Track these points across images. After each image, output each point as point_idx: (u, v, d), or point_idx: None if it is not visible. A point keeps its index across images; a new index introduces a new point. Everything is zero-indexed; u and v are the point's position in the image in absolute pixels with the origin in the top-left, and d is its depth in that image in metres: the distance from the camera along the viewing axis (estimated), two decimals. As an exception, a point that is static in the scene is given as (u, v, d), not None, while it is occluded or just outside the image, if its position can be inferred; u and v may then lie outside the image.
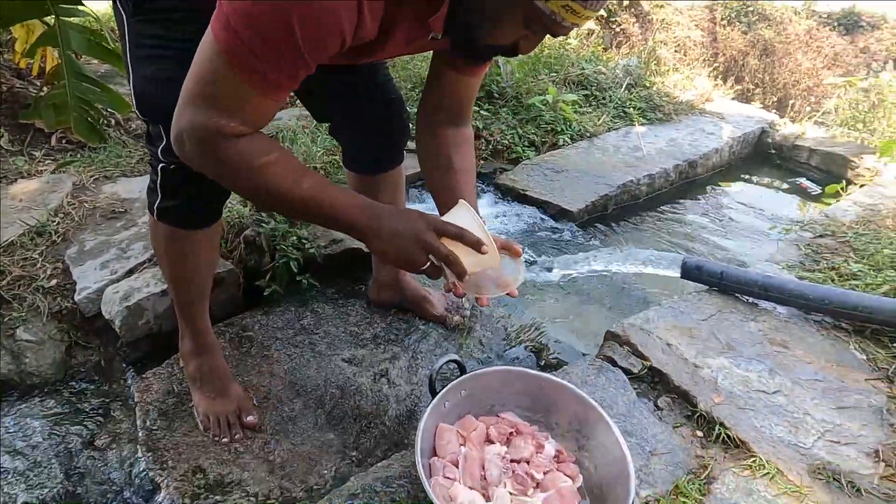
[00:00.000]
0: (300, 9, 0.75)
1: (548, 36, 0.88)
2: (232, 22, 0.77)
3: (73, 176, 2.11)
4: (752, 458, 1.22)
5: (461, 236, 0.93)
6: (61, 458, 1.33)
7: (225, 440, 1.31)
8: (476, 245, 0.93)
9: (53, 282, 1.65)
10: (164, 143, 1.07)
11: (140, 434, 1.32)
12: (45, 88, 2.40)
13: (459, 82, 1.17)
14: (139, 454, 1.29)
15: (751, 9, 6.48)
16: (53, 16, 2.02)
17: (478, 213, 1.03)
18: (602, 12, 5.19)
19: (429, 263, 0.94)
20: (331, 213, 0.93)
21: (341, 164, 1.54)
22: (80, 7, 2.18)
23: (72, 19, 2.11)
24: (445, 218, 0.97)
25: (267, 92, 0.84)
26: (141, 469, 1.27)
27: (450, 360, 1.16)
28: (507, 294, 1.03)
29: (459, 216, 0.97)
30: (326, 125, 1.48)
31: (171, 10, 1.01)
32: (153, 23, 1.03)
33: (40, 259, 1.71)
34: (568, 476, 1.08)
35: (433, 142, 1.21)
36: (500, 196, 2.55)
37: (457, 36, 0.91)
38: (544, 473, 1.08)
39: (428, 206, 2.32)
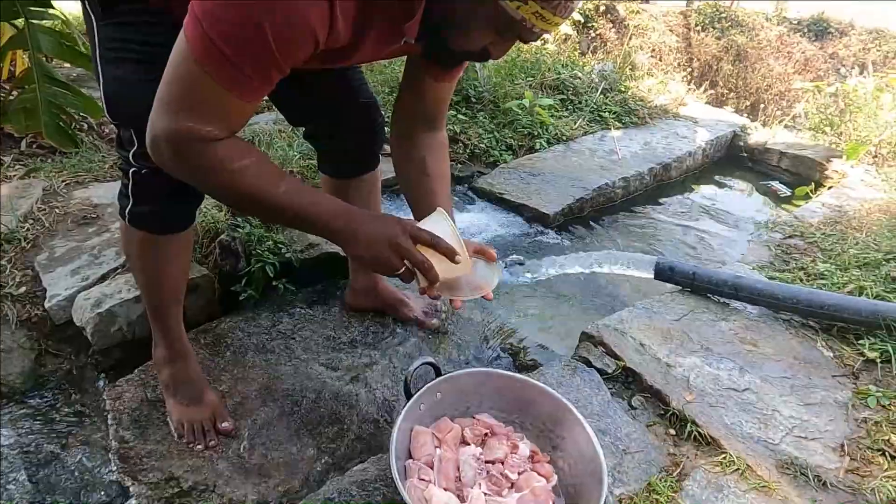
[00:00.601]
0: (271, 12, 0.75)
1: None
2: (204, 25, 0.77)
3: (44, 181, 2.07)
4: (723, 455, 1.25)
5: (435, 244, 0.94)
6: (30, 467, 1.31)
7: (199, 447, 1.30)
8: (449, 254, 0.95)
9: (23, 289, 1.62)
10: (136, 147, 1.06)
11: (112, 442, 1.30)
12: (14, 92, 2.35)
13: (434, 87, 1.18)
14: (111, 462, 1.27)
15: (724, 15, 6.61)
16: (23, 18, 1.99)
17: (453, 218, 1.04)
18: (577, 16, 5.25)
19: (404, 269, 0.95)
20: (308, 217, 0.93)
21: (317, 168, 1.54)
22: (50, 10, 2.15)
23: (42, 22, 2.08)
24: (421, 224, 0.98)
25: (241, 94, 0.84)
26: (112, 478, 1.26)
27: (425, 363, 1.17)
28: (482, 297, 1.05)
29: (435, 224, 0.98)
30: (302, 129, 1.48)
31: (140, 14, 1.00)
32: (122, 26, 1.02)
33: (9, 266, 1.67)
34: (542, 476, 1.09)
35: (408, 147, 1.22)
36: (478, 199, 2.56)
37: (429, 40, 0.92)
38: (519, 474, 1.09)
39: (403, 210, 2.33)
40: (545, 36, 0.93)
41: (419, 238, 0.94)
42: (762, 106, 5.82)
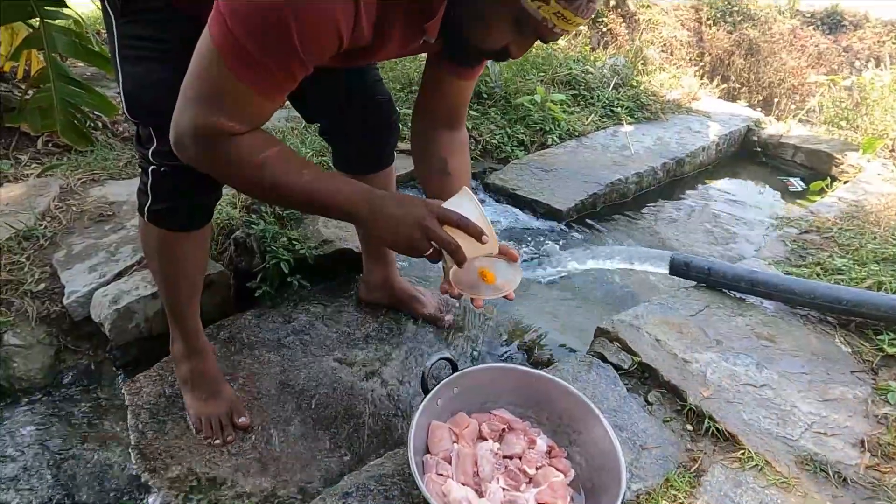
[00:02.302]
0: (298, 11, 0.76)
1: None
2: (229, 24, 0.77)
3: (60, 179, 2.09)
4: (741, 451, 1.24)
5: (464, 226, 0.94)
6: (51, 463, 1.32)
7: (217, 442, 1.31)
8: (477, 235, 0.94)
9: (41, 286, 1.64)
10: (155, 144, 1.07)
11: (131, 437, 1.31)
12: (30, 92, 2.37)
13: (454, 86, 1.18)
14: (130, 457, 1.28)
15: (736, 9, 6.54)
16: (38, 18, 2.00)
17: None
18: (589, 12, 5.22)
19: (431, 250, 0.95)
20: (332, 201, 0.94)
21: (331, 165, 1.54)
22: (65, 9, 2.16)
23: (56, 22, 2.10)
24: (446, 205, 0.97)
25: (265, 92, 0.85)
26: (132, 472, 1.27)
27: (442, 358, 1.17)
28: (504, 296, 1.04)
29: (460, 204, 0.97)
30: (316, 126, 1.49)
31: (159, 11, 1.01)
32: (141, 24, 1.03)
33: (28, 263, 1.69)
34: (560, 471, 1.09)
35: (428, 146, 1.21)
36: (490, 195, 2.56)
37: (449, 39, 0.92)
38: (536, 468, 1.09)
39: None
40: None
41: (446, 219, 0.94)
42: (776, 100, 5.75)
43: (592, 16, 0.85)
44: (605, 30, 5.89)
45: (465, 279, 1.02)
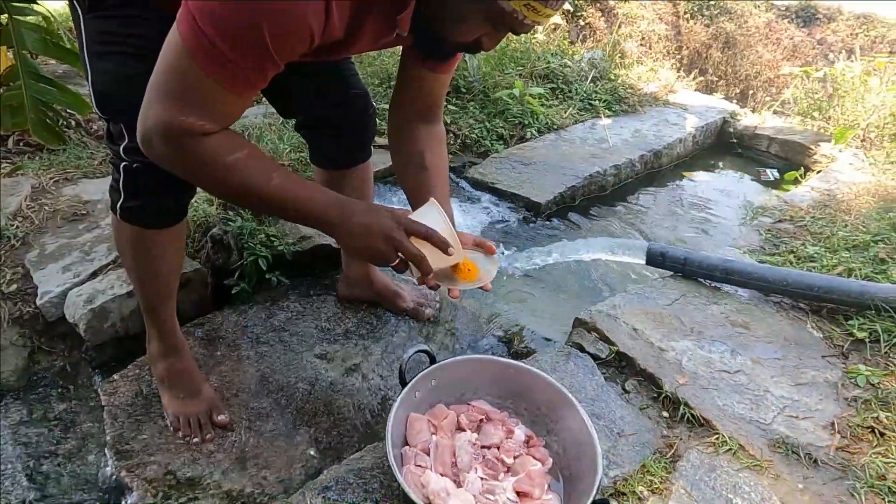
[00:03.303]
0: (269, 11, 0.75)
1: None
2: (198, 21, 0.76)
3: (32, 178, 2.05)
4: (716, 436, 1.26)
5: (429, 237, 0.95)
6: (26, 465, 1.31)
7: (196, 440, 1.30)
8: (443, 246, 0.95)
9: (13, 287, 1.61)
10: (126, 141, 1.06)
11: (108, 438, 1.30)
12: (-1, 90, 2.33)
13: (429, 79, 1.17)
14: (107, 458, 1.27)
15: (712, 2, 6.61)
16: (6, 15, 1.97)
17: (449, 209, 1.05)
18: (567, 6, 5.24)
19: (398, 261, 0.96)
20: (301, 210, 0.93)
21: (309, 160, 1.53)
22: (34, 6, 2.13)
23: (26, 18, 2.06)
24: (414, 216, 0.98)
25: (235, 89, 0.84)
26: (109, 473, 1.26)
27: (419, 351, 1.17)
28: (481, 287, 1.05)
29: (428, 215, 0.98)
30: (293, 122, 1.48)
31: (127, 6, 1.00)
32: (109, 19, 1.01)
33: (-1, 264, 1.67)
34: (538, 459, 1.10)
35: (405, 140, 1.21)
36: (469, 189, 2.57)
37: (421, 33, 0.92)
38: (514, 458, 1.10)
39: (398, 201, 2.33)
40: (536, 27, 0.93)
41: (413, 231, 0.95)
42: (752, 92, 5.83)
43: (562, 6, 0.85)
44: (583, 24, 5.91)
45: (442, 270, 1.03)
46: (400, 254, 0.95)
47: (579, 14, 5.93)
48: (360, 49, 1.00)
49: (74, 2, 1.03)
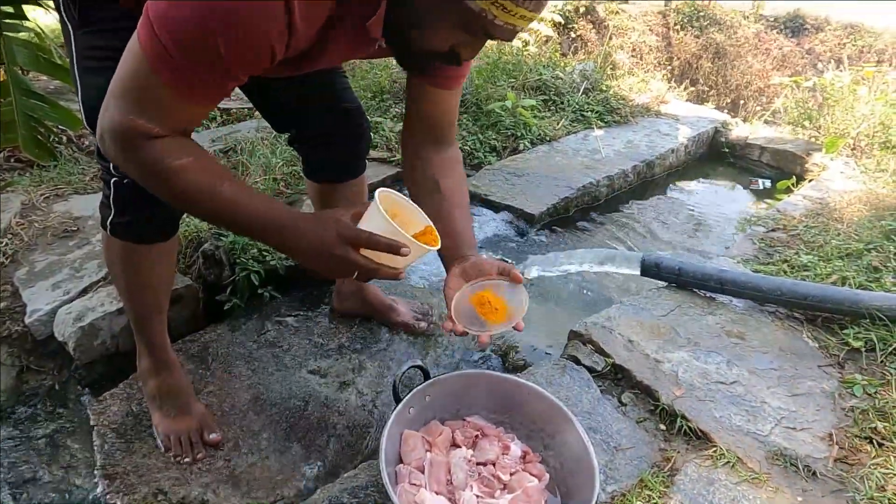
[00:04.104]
0: (222, 21, 0.74)
1: (505, 43, 0.88)
2: (156, 27, 0.76)
3: (22, 195, 2.04)
4: (714, 449, 1.25)
5: (374, 245, 0.88)
6: (13, 487, 1.28)
7: (187, 460, 1.28)
8: (393, 251, 0.88)
9: (2, 305, 1.60)
10: None
11: (97, 458, 1.28)
12: (-10, 106, 2.32)
13: (436, 97, 1.14)
14: (96, 479, 1.25)
15: (702, 13, 6.68)
16: (-4, 31, 1.96)
17: (470, 237, 1.03)
18: (557, 18, 5.28)
19: (356, 273, 0.91)
20: (246, 224, 0.90)
21: (302, 174, 1.53)
22: (26, 22, 2.12)
23: (17, 35, 2.06)
24: (362, 221, 0.92)
25: (191, 98, 0.83)
26: (98, 495, 1.23)
27: (413, 366, 1.16)
28: (514, 328, 1.01)
29: (372, 218, 0.91)
30: (286, 136, 1.47)
31: (118, 20, 0.99)
32: (100, 34, 1.01)
33: (-13, 282, 1.65)
34: (534, 476, 1.09)
35: (417, 166, 1.18)
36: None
37: (396, 41, 0.90)
38: (511, 474, 1.09)
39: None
40: (524, 35, 0.90)
41: (358, 243, 0.89)
42: (742, 102, 5.89)
43: (539, 9, 0.80)
44: (575, 36, 5.96)
45: (466, 314, 0.99)
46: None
47: (571, 26, 5.98)
48: (337, 58, 0.99)
49: (65, 17, 1.03)
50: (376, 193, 0.92)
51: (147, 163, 0.85)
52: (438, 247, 0.94)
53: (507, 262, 1.08)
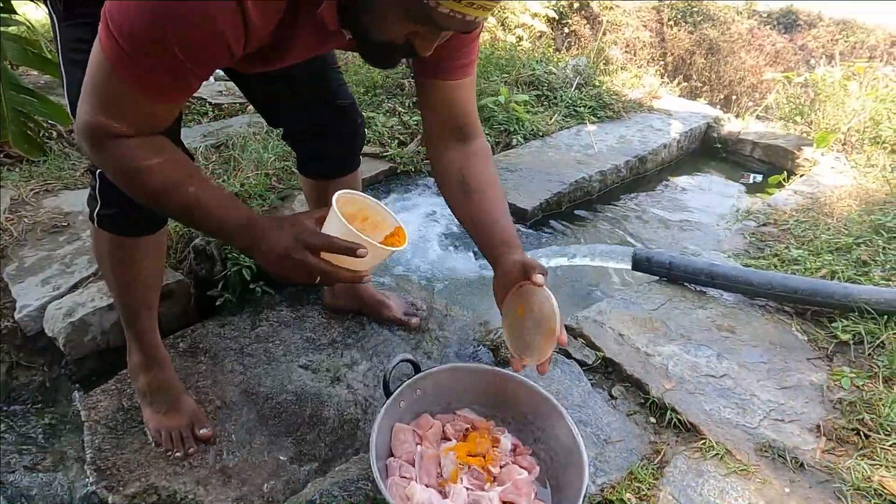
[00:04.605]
0: (171, 19, 0.74)
1: (500, 37, 0.87)
2: (112, 28, 0.76)
3: (12, 190, 2.02)
4: (703, 441, 1.26)
5: (331, 248, 0.87)
6: (4, 483, 1.27)
7: (178, 455, 1.28)
8: (349, 252, 0.87)
9: (-9, 301, 1.59)
10: None
11: (88, 453, 1.27)
12: (-22, 101, 2.30)
13: (447, 91, 1.10)
14: (87, 474, 1.25)
15: (696, 9, 6.69)
16: (-16, 25, 1.95)
17: (510, 235, 1.06)
18: (551, 13, 5.27)
19: (318, 278, 0.90)
20: (212, 227, 0.92)
21: (295, 169, 1.52)
22: (15, 16, 2.11)
23: (6, 29, 2.04)
24: (324, 227, 0.91)
25: (155, 97, 0.83)
26: (89, 490, 1.23)
27: (404, 360, 1.16)
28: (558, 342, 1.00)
29: (330, 222, 0.90)
30: (278, 131, 1.47)
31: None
32: (85, 27, 1.00)
33: (-24, 278, 1.64)
34: (524, 468, 1.10)
35: (443, 165, 1.14)
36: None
37: (355, 35, 0.88)
38: (501, 467, 1.09)
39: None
40: (518, 30, 0.88)
41: (316, 247, 0.88)
42: (735, 98, 5.90)
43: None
44: (568, 31, 5.96)
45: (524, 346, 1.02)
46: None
47: (564, 22, 5.98)
48: (306, 52, 0.96)
49: (51, 10, 1.02)
50: (334, 196, 0.91)
51: (115, 161, 0.86)
52: (403, 247, 0.93)
53: (528, 262, 1.03)
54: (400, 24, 0.81)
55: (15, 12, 2.12)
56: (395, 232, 0.96)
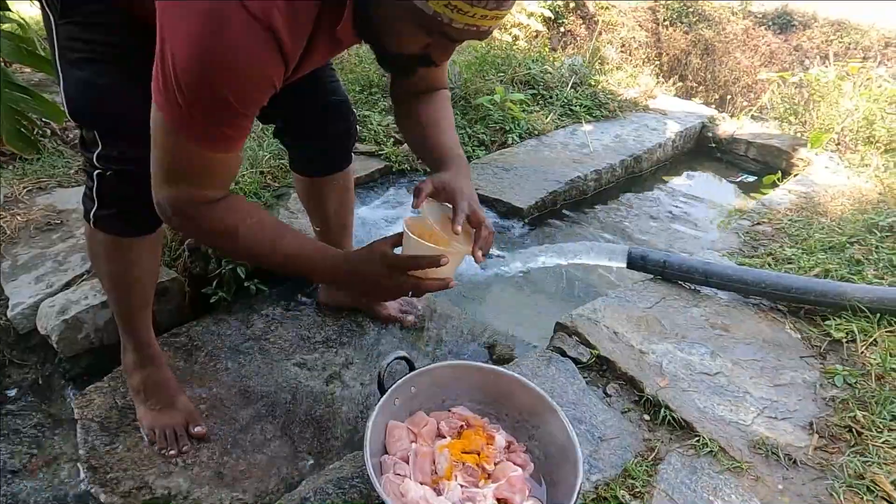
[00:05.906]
0: (229, 76, 0.77)
1: (496, 36, 0.88)
2: (171, 94, 0.78)
3: (5, 188, 2.02)
4: (697, 438, 1.26)
5: (418, 266, 0.95)
6: (-4, 481, 1.27)
7: (172, 453, 1.28)
8: (433, 263, 0.94)
9: (-16, 299, 1.58)
10: (100, 148, 1.04)
11: (81, 452, 1.27)
12: (-29, 98, 2.28)
13: (424, 71, 1.11)
14: (80, 473, 1.24)
15: (691, 10, 6.71)
16: (-23, 22, 1.93)
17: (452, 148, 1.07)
18: (547, 13, 5.28)
19: (410, 293, 1.00)
20: (308, 273, 1.02)
21: (289, 167, 1.52)
22: (8, 13, 2.09)
23: (1, 26, 2.03)
24: (403, 250, 0.98)
25: (223, 149, 0.87)
26: (83, 488, 1.23)
27: (398, 358, 1.16)
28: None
29: (408, 244, 0.98)
30: (271, 128, 1.46)
31: (100, 13, 0.98)
32: (81, 25, 1.00)
33: (-31, 276, 1.63)
34: (518, 465, 1.10)
35: (407, 110, 1.19)
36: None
37: (371, 46, 0.91)
38: (495, 464, 1.09)
39: (379, 203, 2.32)
40: (514, 30, 0.90)
41: (404, 268, 0.96)
42: (730, 97, 5.92)
43: (502, 9, 0.77)
44: (564, 31, 5.97)
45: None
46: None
47: (560, 21, 5.99)
48: (317, 64, 1.00)
49: (47, 7, 1.01)
50: (403, 223, 1.00)
51: (212, 229, 0.93)
52: (471, 247, 1.00)
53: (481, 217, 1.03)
54: (416, 38, 0.84)
55: (8, 9, 2.11)
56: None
